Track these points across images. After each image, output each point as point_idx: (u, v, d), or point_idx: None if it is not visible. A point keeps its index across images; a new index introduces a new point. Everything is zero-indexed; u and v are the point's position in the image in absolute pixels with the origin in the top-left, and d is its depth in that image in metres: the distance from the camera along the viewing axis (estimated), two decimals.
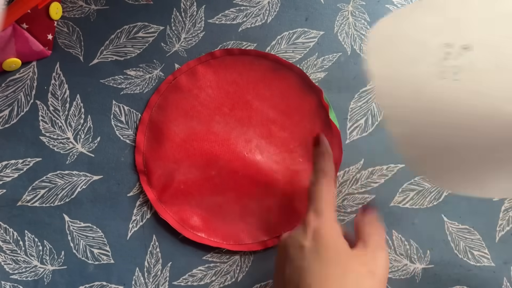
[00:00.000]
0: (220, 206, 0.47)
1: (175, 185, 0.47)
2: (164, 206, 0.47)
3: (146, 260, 0.47)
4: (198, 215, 0.47)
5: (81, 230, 0.47)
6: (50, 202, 0.48)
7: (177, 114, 0.48)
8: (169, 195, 0.47)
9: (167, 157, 0.48)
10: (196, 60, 0.49)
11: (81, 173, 0.48)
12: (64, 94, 0.49)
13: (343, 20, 0.50)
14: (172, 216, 0.47)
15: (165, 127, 0.48)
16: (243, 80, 0.48)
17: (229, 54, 0.49)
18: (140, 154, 0.48)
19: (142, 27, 0.50)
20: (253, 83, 0.48)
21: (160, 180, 0.47)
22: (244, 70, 0.49)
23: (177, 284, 0.47)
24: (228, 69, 0.49)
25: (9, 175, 0.48)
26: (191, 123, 0.48)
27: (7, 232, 0.47)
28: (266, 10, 0.50)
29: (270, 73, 0.48)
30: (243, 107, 0.48)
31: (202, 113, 0.48)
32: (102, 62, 0.49)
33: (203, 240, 0.47)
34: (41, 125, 0.48)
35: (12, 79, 0.49)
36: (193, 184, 0.47)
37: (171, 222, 0.47)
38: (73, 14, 0.50)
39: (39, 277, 0.47)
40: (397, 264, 0.48)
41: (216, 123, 0.48)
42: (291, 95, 0.48)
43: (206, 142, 0.48)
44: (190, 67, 0.49)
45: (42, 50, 0.48)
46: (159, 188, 0.47)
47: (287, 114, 0.48)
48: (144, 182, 0.48)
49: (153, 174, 0.47)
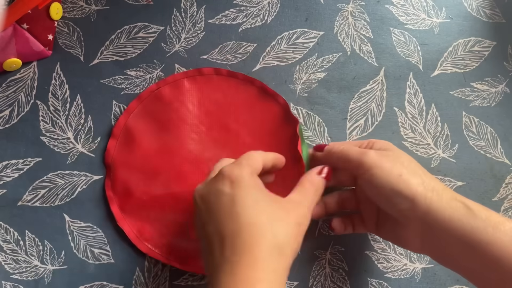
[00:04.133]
0: (180, 225, 0.46)
1: (137, 195, 0.46)
2: (123, 215, 0.47)
3: (146, 260, 0.47)
4: (155, 229, 0.46)
5: (82, 230, 0.47)
6: (51, 202, 0.48)
7: (153, 124, 0.47)
8: (130, 204, 0.47)
9: (135, 166, 0.47)
10: (183, 73, 0.48)
11: (82, 173, 0.48)
12: (64, 94, 0.49)
13: (343, 20, 0.51)
14: (130, 226, 0.46)
15: (139, 135, 0.47)
16: (226, 101, 0.48)
17: (217, 73, 0.48)
18: (109, 158, 0.47)
19: (142, 27, 0.50)
20: (235, 106, 0.48)
21: (123, 187, 0.47)
22: (229, 92, 0.48)
23: (177, 284, 0.47)
24: (213, 88, 0.48)
25: (9, 175, 0.48)
26: (166, 135, 0.47)
27: (8, 232, 0.47)
28: (266, 11, 0.50)
29: (253, 99, 0.48)
30: (221, 129, 0.47)
31: (179, 128, 0.47)
32: (102, 62, 0.49)
33: (156, 255, 0.46)
34: (42, 125, 0.48)
35: (12, 79, 0.49)
36: (157, 197, 0.46)
37: (127, 232, 0.46)
38: (73, 14, 0.50)
39: (39, 277, 0.47)
40: (397, 264, 0.48)
41: (191, 140, 0.47)
42: (270, 123, 0.47)
43: (177, 158, 0.47)
44: (175, 79, 0.48)
45: (42, 50, 0.48)
46: (121, 195, 0.47)
47: (263, 141, 0.47)
48: (108, 187, 0.47)
49: (117, 180, 0.47)
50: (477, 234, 0.35)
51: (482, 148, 0.50)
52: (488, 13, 0.52)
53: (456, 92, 0.50)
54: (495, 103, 0.50)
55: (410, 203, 0.37)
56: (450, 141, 0.50)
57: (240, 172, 0.36)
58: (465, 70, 0.51)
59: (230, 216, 0.34)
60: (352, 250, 0.48)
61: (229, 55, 0.50)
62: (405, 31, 0.51)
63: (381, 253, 0.48)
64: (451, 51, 0.51)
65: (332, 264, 0.48)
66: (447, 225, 0.36)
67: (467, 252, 0.36)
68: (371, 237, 0.48)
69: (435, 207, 0.36)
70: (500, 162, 0.49)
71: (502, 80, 0.51)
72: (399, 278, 0.48)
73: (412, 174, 0.38)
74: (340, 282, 0.48)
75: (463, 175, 0.49)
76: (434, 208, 0.36)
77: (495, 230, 0.35)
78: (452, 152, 0.49)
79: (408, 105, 0.50)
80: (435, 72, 0.50)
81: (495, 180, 0.49)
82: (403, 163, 0.38)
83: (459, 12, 0.51)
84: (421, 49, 0.51)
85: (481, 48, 0.51)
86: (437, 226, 0.36)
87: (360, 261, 0.48)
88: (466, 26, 0.51)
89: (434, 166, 0.49)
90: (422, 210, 0.37)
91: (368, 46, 0.50)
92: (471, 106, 0.50)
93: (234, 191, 0.35)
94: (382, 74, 0.50)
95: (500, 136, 0.50)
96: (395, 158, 0.39)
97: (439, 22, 0.51)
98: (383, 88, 0.50)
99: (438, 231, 0.36)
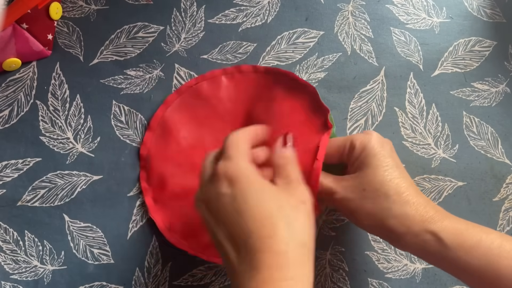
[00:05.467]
0: None
1: (171, 187, 0.47)
2: (156, 206, 0.47)
3: (146, 260, 0.47)
4: (185, 221, 0.47)
5: (81, 230, 0.47)
6: (50, 202, 0.48)
7: (190, 118, 0.48)
8: (163, 195, 0.47)
9: (170, 158, 0.47)
10: (222, 70, 0.48)
11: (81, 173, 0.48)
12: (64, 94, 0.49)
13: (343, 20, 0.50)
14: (162, 217, 0.47)
15: (175, 129, 0.48)
16: (262, 98, 0.47)
17: (255, 71, 0.48)
18: (145, 150, 0.48)
19: (142, 27, 0.50)
20: (270, 101, 0.47)
21: (158, 179, 0.47)
22: (266, 89, 0.48)
23: (177, 284, 0.47)
24: (250, 86, 0.48)
25: (9, 175, 0.48)
26: (201, 131, 0.48)
27: (7, 232, 0.47)
28: (266, 10, 0.50)
29: (286, 92, 0.47)
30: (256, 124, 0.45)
31: (215, 124, 0.48)
32: (102, 62, 0.49)
33: (184, 247, 0.46)
34: (41, 125, 0.48)
35: (12, 79, 0.49)
36: (189, 190, 0.46)
37: (158, 224, 0.47)
38: (73, 14, 0.50)
39: (39, 277, 0.47)
40: (397, 264, 0.48)
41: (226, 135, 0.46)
42: (303, 114, 0.46)
43: None
44: (214, 75, 0.48)
45: (42, 50, 0.48)
46: (156, 187, 0.47)
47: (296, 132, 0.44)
48: (143, 179, 0.47)
49: (153, 172, 0.47)
50: (450, 263, 0.36)
51: (482, 148, 0.49)
52: (489, 13, 0.52)
53: (457, 92, 0.50)
54: (495, 103, 0.50)
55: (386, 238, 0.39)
56: (450, 141, 0.49)
57: (234, 167, 0.34)
58: (465, 70, 0.50)
59: (236, 216, 0.33)
60: (352, 250, 0.48)
61: (229, 54, 0.50)
62: (406, 31, 0.51)
63: (382, 253, 0.48)
64: (452, 51, 0.51)
65: (332, 264, 0.48)
66: (421, 255, 0.38)
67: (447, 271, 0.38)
68: (371, 237, 0.48)
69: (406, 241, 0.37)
70: (500, 162, 0.49)
71: (502, 80, 0.51)
72: (400, 278, 0.48)
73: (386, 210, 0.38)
74: (340, 283, 0.47)
75: (464, 175, 0.49)
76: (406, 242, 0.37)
77: (467, 256, 0.35)
78: (453, 152, 0.49)
79: (408, 105, 0.50)
80: (435, 72, 0.50)
81: (495, 180, 0.49)
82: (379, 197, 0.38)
83: (460, 11, 0.51)
84: (422, 48, 0.50)
85: (481, 48, 0.51)
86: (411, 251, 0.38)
87: (360, 262, 0.48)
88: (467, 26, 0.51)
89: (435, 166, 0.49)
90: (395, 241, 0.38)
91: (368, 45, 0.50)
92: (471, 106, 0.50)
93: (234, 190, 0.33)
94: (383, 74, 0.50)
95: (501, 136, 0.50)
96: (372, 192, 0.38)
97: (440, 22, 0.51)
98: (383, 88, 0.50)
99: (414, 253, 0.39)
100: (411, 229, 0.37)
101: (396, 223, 0.37)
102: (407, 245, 0.37)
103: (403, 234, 0.37)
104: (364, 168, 0.39)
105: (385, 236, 0.39)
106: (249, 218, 0.32)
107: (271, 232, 0.31)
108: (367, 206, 0.38)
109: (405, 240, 0.37)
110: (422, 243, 0.37)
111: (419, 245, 0.37)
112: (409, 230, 0.37)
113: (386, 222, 0.37)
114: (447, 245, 0.36)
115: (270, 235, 0.31)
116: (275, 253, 0.31)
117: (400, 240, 0.38)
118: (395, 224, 0.37)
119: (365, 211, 0.38)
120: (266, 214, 0.32)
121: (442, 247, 0.36)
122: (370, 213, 0.38)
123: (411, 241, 0.37)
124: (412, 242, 0.37)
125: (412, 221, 0.37)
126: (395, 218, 0.37)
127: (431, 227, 0.36)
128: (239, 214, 0.32)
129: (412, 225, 0.37)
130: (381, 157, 0.39)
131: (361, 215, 0.38)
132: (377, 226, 0.38)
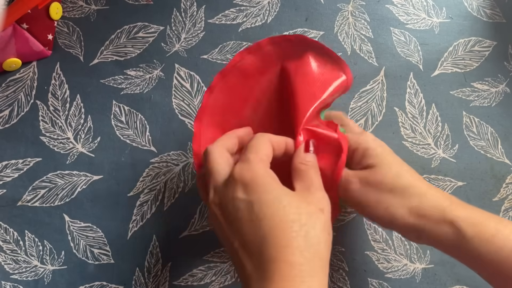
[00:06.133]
0: None
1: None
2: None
3: (146, 260, 0.47)
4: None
5: (81, 230, 0.47)
6: (50, 202, 0.48)
7: (237, 99, 0.43)
8: None
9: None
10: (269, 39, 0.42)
11: (81, 173, 0.48)
12: (64, 94, 0.49)
13: (343, 20, 0.50)
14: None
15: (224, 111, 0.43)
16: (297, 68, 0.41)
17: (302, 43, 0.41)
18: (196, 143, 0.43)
19: (142, 27, 0.50)
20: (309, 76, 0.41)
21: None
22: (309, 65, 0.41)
23: (177, 284, 0.47)
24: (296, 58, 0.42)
25: (9, 175, 0.48)
26: (250, 110, 0.43)
27: (7, 232, 0.47)
28: (266, 10, 0.50)
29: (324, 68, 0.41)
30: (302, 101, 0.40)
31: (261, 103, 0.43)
32: (102, 62, 0.49)
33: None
34: (41, 125, 0.48)
35: (12, 79, 0.49)
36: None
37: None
38: (73, 14, 0.50)
39: (39, 277, 0.47)
40: (397, 264, 0.48)
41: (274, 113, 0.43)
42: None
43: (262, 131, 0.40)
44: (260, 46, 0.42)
45: (42, 50, 0.48)
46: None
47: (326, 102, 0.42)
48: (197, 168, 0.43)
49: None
50: (466, 253, 0.36)
51: (482, 148, 0.50)
52: (489, 13, 0.52)
53: (457, 92, 0.50)
54: (495, 103, 0.50)
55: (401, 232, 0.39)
56: (450, 141, 0.49)
57: (251, 172, 0.33)
58: (465, 70, 0.50)
59: (253, 224, 0.32)
60: (352, 250, 0.48)
61: (229, 55, 0.50)
62: (406, 31, 0.51)
63: (381, 253, 0.48)
64: (452, 51, 0.51)
65: (332, 264, 0.48)
66: (438, 246, 0.37)
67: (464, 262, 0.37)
68: (371, 237, 0.48)
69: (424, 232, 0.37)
70: (500, 162, 0.49)
71: (502, 80, 0.51)
72: (399, 278, 0.48)
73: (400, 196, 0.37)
74: (340, 283, 0.47)
75: (464, 175, 0.49)
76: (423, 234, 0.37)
77: (485, 247, 0.35)
78: (453, 152, 0.49)
79: (408, 105, 0.50)
80: (435, 72, 0.50)
81: (495, 180, 0.49)
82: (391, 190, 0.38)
83: (460, 12, 0.51)
84: (422, 49, 0.50)
85: (481, 48, 0.51)
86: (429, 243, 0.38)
87: (360, 261, 0.48)
88: (467, 26, 0.51)
89: (435, 166, 0.49)
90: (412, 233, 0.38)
91: (368, 46, 0.50)
92: (471, 106, 0.50)
93: (250, 196, 0.32)
94: (383, 74, 0.50)
95: (501, 136, 0.50)
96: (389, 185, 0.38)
97: (440, 22, 0.51)
98: (383, 88, 0.50)
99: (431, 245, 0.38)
100: (430, 220, 0.36)
101: (416, 214, 0.37)
102: (426, 237, 0.37)
103: (422, 225, 0.37)
104: (376, 164, 0.39)
105: (401, 229, 0.38)
106: (265, 227, 0.31)
107: (287, 241, 0.31)
108: (387, 198, 0.37)
109: (423, 231, 0.37)
110: (439, 234, 0.36)
111: (436, 235, 0.36)
112: (428, 221, 0.36)
113: (405, 214, 0.37)
114: (465, 235, 0.35)
115: (286, 244, 0.31)
116: (290, 264, 0.30)
117: (417, 232, 0.37)
118: (415, 216, 0.37)
119: (385, 204, 0.37)
120: (283, 224, 0.31)
121: (460, 237, 0.35)
122: (390, 205, 0.37)
123: (430, 232, 0.36)
124: (431, 234, 0.36)
125: (431, 212, 0.36)
126: (415, 209, 0.37)
127: (449, 216, 0.36)
128: (255, 222, 0.32)
129: (430, 216, 0.36)
130: (386, 155, 0.39)
131: (378, 209, 0.38)
132: (394, 219, 0.37)
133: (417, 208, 0.37)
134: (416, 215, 0.37)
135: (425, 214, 0.36)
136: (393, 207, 0.37)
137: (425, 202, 0.37)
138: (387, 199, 0.37)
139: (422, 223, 0.36)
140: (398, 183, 0.38)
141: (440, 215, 0.36)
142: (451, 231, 0.36)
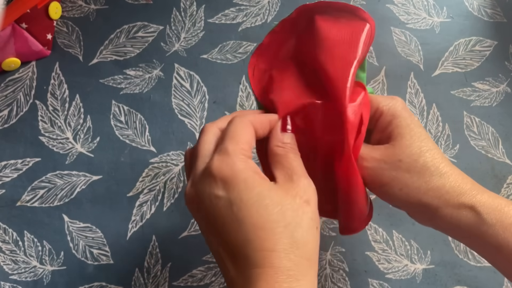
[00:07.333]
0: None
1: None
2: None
3: (145, 261, 0.47)
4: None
5: (81, 231, 0.47)
6: (50, 202, 0.47)
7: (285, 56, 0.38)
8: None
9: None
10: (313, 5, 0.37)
11: (81, 173, 0.48)
12: (63, 94, 0.49)
13: None
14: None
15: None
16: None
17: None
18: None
19: (142, 27, 0.50)
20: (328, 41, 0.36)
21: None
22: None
23: (176, 284, 0.47)
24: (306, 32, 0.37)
25: (8, 175, 0.48)
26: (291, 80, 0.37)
27: (7, 232, 0.47)
28: (266, 10, 0.50)
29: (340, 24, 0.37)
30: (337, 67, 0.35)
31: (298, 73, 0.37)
32: (101, 62, 0.49)
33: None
34: (41, 125, 0.48)
35: (11, 79, 0.49)
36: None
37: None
38: (72, 13, 0.50)
39: (38, 278, 0.47)
40: (397, 264, 0.48)
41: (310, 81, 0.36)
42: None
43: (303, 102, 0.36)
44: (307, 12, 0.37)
45: (41, 49, 0.48)
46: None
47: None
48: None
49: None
50: (485, 240, 0.34)
51: (483, 148, 0.49)
52: (489, 13, 0.51)
53: (457, 91, 0.50)
54: (496, 103, 0.50)
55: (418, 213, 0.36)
56: (451, 141, 0.49)
57: (230, 167, 0.30)
58: (466, 69, 0.50)
59: (233, 223, 0.30)
60: (352, 250, 0.48)
61: (229, 54, 0.49)
62: (406, 31, 0.51)
63: (382, 253, 0.48)
64: (452, 51, 0.51)
65: (332, 265, 0.48)
66: (451, 230, 0.36)
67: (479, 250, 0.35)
68: (371, 237, 0.48)
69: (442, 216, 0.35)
70: (501, 162, 0.49)
71: (503, 79, 0.50)
72: (400, 279, 0.47)
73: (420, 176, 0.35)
74: (340, 283, 0.47)
75: None
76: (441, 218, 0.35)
77: (505, 234, 0.33)
78: (453, 152, 0.49)
79: (409, 105, 0.50)
80: (436, 72, 0.50)
81: (496, 180, 0.49)
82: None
83: (460, 11, 0.51)
84: (422, 48, 0.50)
85: (482, 47, 0.51)
86: (444, 228, 0.36)
87: (361, 262, 0.48)
88: (467, 26, 0.51)
89: None
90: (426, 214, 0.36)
91: None
92: (472, 106, 0.50)
93: (230, 194, 0.30)
94: (383, 73, 0.50)
95: (502, 136, 0.50)
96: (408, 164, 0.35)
97: (440, 22, 0.51)
98: (384, 87, 0.50)
99: (446, 231, 0.36)
100: (448, 203, 0.34)
101: (433, 196, 0.35)
102: (442, 221, 0.35)
103: (439, 208, 0.35)
104: (398, 138, 0.36)
105: (417, 211, 0.36)
106: (247, 228, 0.29)
107: (272, 245, 0.29)
108: (403, 178, 0.35)
109: (441, 214, 0.35)
110: (458, 218, 0.34)
111: (455, 220, 0.34)
112: (446, 204, 0.34)
113: (422, 195, 0.35)
114: (485, 220, 0.34)
115: (272, 248, 0.29)
116: (276, 269, 0.29)
117: (435, 215, 0.35)
118: (432, 197, 0.35)
119: (401, 184, 0.35)
120: (267, 224, 0.29)
121: (480, 222, 0.34)
122: (406, 186, 0.35)
123: (447, 216, 0.34)
124: (448, 217, 0.35)
125: (450, 194, 0.35)
126: (433, 190, 0.35)
127: (470, 200, 0.34)
128: (236, 222, 0.29)
129: (450, 198, 0.34)
130: (414, 127, 0.36)
131: (394, 188, 0.35)
132: (411, 200, 0.35)
133: (436, 189, 0.35)
134: (434, 195, 0.35)
135: (443, 195, 0.34)
136: (409, 188, 0.35)
137: (445, 183, 0.35)
138: (404, 179, 0.35)
139: (439, 204, 0.34)
140: (418, 162, 0.35)
141: (459, 199, 0.34)
142: (470, 215, 0.34)
